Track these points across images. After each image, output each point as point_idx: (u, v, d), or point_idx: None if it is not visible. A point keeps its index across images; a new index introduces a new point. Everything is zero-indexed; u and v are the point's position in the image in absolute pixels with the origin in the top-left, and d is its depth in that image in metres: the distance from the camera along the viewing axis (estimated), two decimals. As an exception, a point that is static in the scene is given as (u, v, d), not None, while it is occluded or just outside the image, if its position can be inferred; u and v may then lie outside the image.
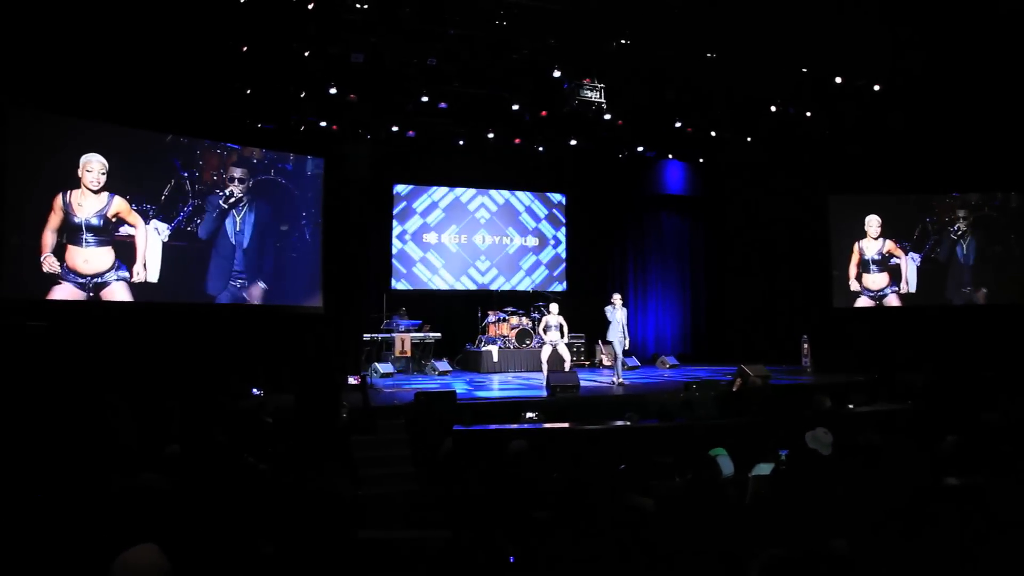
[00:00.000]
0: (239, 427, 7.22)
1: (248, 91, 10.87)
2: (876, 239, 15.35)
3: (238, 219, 11.44)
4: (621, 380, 11.86)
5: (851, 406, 8.71)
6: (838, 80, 11.89)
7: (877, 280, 15.35)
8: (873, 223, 15.35)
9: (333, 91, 11.15)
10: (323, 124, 12.12)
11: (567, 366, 11.87)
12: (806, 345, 14.28)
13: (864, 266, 15.37)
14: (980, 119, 13.32)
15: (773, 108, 13.02)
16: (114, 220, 10.16)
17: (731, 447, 5.74)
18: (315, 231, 12.27)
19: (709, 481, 5.15)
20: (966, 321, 14.50)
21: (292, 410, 8.00)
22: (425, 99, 11.86)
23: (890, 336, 14.18)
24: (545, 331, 11.88)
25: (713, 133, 14.18)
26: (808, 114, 13.26)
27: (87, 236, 9.87)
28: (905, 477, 4.72)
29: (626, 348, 12.11)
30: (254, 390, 9.78)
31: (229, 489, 4.52)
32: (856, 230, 15.40)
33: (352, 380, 10.52)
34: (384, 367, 12.65)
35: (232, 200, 11.43)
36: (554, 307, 12.10)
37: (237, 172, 11.54)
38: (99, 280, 10.03)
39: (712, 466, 5.39)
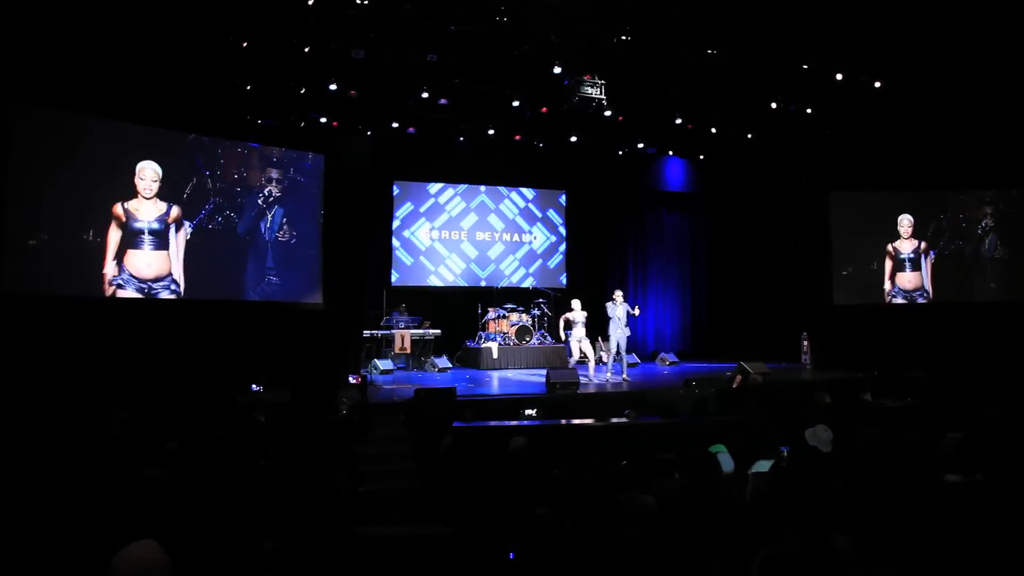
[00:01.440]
0: (233, 424, 7.23)
1: (248, 87, 10.85)
2: (909, 239, 15.33)
3: (269, 216, 11.50)
4: (625, 377, 11.90)
5: (867, 398, 8.71)
6: (839, 76, 11.86)
7: (912, 280, 15.31)
8: (905, 223, 15.32)
9: (334, 87, 11.13)
10: (323, 120, 12.09)
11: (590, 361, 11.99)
12: (806, 342, 14.29)
13: (899, 266, 15.34)
14: (995, 114, 13.27)
15: (774, 105, 13.00)
16: (172, 225, 10.47)
17: (731, 444, 5.75)
18: (314, 227, 12.26)
19: (709, 478, 5.15)
20: (969, 318, 14.48)
21: (287, 407, 8.02)
22: (426, 95, 11.84)
23: (891, 333, 14.18)
24: (570, 326, 11.91)
25: (713, 130, 14.15)
26: (809, 111, 13.24)
27: (147, 239, 10.21)
28: (906, 474, 4.72)
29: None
30: (253, 386, 9.78)
31: (227, 485, 4.52)
32: (879, 229, 15.34)
33: (352, 379, 10.54)
34: (384, 364, 12.66)
35: (261, 198, 11.48)
36: (576, 303, 12.11)
37: (274, 172, 11.70)
38: (158, 284, 10.31)
39: (712, 463, 5.39)
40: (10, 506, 3.92)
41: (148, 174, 10.21)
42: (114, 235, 9.93)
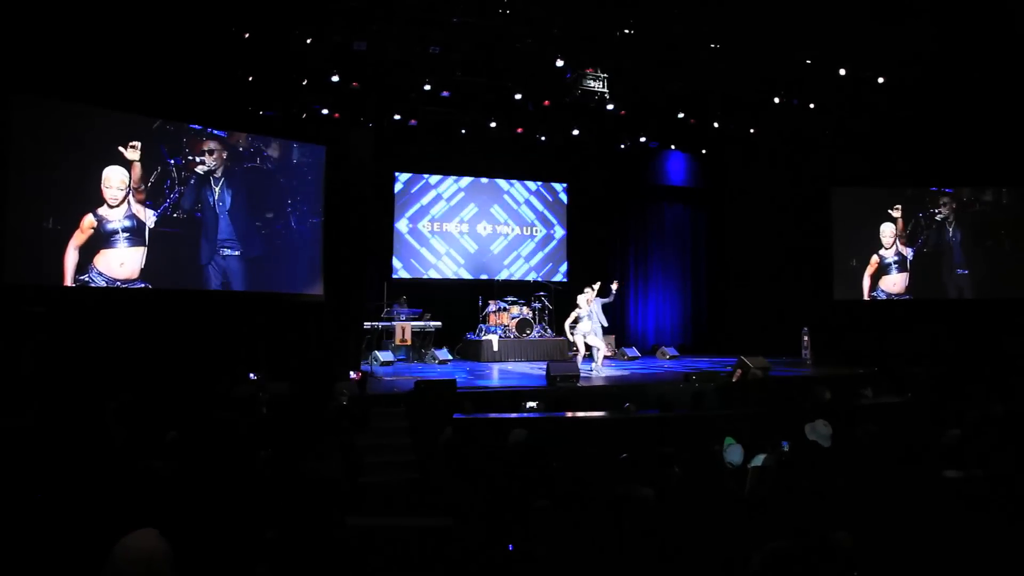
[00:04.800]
0: (235, 416, 7.24)
1: (251, 78, 10.82)
2: (891, 246, 15.34)
3: (215, 198, 11.23)
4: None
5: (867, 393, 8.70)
6: (842, 72, 11.83)
7: (897, 282, 15.32)
8: (887, 227, 15.32)
9: (335, 79, 11.10)
10: (325, 112, 12.07)
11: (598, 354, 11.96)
12: (806, 337, 14.29)
13: (884, 269, 15.34)
14: (971, 114, 13.28)
15: (777, 100, 12.97)
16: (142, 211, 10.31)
17: (733, 438, 5.75)
18: (315, 219, 12.24)
19: (709, 472, 5.16)
20: (965, 315, 14.51)
21: (288, 397, 8.04)
22: (427, 88, 11.81)
23: (890, 329, 14.19)
24: (576, 322, 11.87)
25: (716, 124, 14.13)
26: (812, 106, 13.21)
27: (121, 236, 10.05)
28: (905, 470, 4.72)
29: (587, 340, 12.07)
30: (251, 375, 9.77)
31: (228, 476, 4.53)
32: (881, 225, 15.37)
33: (352, 375, 10.53)
34: (384, 355, 12.66)
35: (213, 180, 11.24)
36: (583, 297, 12.06)
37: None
38: (130, 286, 10.16)
39: (712, 456, 5.40)
40: (13, 497, 3.93)
41: (115, 182, 9.95)
42: (82, 238, 9.72)
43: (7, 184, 8.87)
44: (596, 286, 11.90)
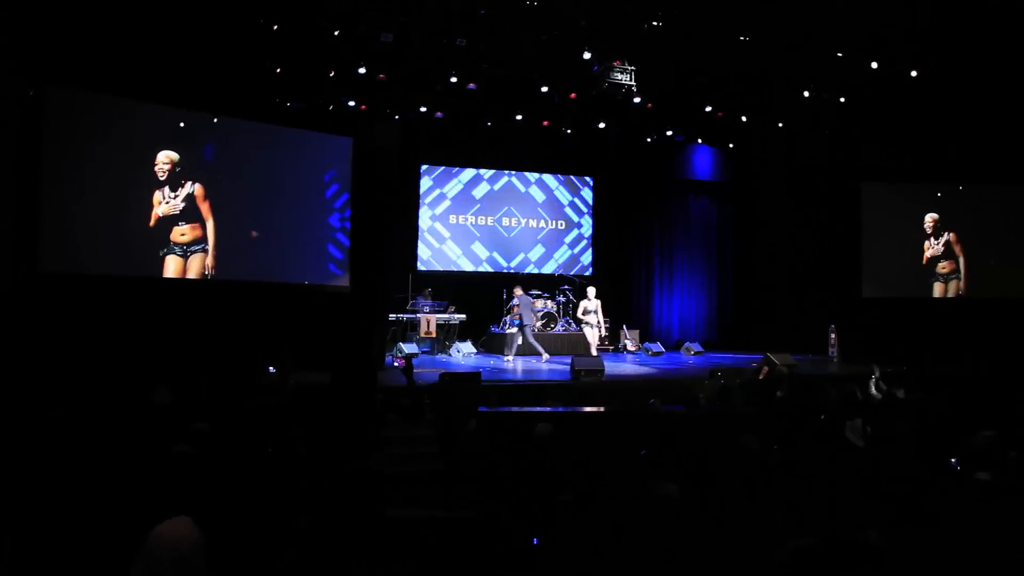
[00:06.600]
0: (262, 404, 7.32)
1: (278, 70, 10.89)
2: (938, 233, 15.10)
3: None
4: None
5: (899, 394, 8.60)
6: (874, 65, 11.63)
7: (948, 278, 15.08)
8: (929, 219, 15.08)
9: (362, 71, 11.14)
10: (352, 104, 12.12)
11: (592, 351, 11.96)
12: (833, 335, 14.12)
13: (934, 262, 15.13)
14: (974, 109, 13.02)
15: (806, 93, 12.80)
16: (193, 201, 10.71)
17: (756, 435, 5.71)
18: (341, 210, 12.31)
19: (733, 468, 5.13)
20: (995, 315, 14.23)
21: (328, 388, 8.07)
22: (454, 80, 11.81)
23: (922, 328, 13.96)
24: (584, 314, 11.91)
25: (744, 118, 13.97)
26: (842, 100, 13.02)
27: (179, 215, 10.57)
28: (934, 470, 4.67)
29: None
30: (270, 368, 9.84)
31: (254, 464, 4.59)
32: (912, 222, 15.14)
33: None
34: (409, 347, 12.73)
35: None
36: (591, 291, 12.12)
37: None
38: (194, 248, 10.68)
39: (737, 453, 5.36)
40: (45, 486, 4.00)
41: (161, 158, 10.41)
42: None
43: (42, 175, 9.04)
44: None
